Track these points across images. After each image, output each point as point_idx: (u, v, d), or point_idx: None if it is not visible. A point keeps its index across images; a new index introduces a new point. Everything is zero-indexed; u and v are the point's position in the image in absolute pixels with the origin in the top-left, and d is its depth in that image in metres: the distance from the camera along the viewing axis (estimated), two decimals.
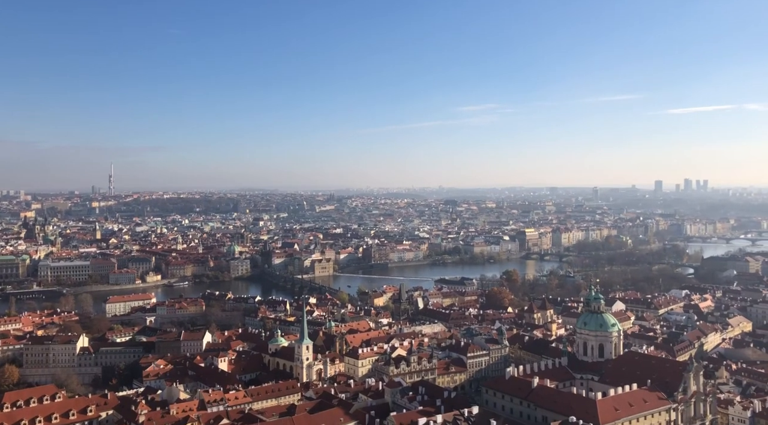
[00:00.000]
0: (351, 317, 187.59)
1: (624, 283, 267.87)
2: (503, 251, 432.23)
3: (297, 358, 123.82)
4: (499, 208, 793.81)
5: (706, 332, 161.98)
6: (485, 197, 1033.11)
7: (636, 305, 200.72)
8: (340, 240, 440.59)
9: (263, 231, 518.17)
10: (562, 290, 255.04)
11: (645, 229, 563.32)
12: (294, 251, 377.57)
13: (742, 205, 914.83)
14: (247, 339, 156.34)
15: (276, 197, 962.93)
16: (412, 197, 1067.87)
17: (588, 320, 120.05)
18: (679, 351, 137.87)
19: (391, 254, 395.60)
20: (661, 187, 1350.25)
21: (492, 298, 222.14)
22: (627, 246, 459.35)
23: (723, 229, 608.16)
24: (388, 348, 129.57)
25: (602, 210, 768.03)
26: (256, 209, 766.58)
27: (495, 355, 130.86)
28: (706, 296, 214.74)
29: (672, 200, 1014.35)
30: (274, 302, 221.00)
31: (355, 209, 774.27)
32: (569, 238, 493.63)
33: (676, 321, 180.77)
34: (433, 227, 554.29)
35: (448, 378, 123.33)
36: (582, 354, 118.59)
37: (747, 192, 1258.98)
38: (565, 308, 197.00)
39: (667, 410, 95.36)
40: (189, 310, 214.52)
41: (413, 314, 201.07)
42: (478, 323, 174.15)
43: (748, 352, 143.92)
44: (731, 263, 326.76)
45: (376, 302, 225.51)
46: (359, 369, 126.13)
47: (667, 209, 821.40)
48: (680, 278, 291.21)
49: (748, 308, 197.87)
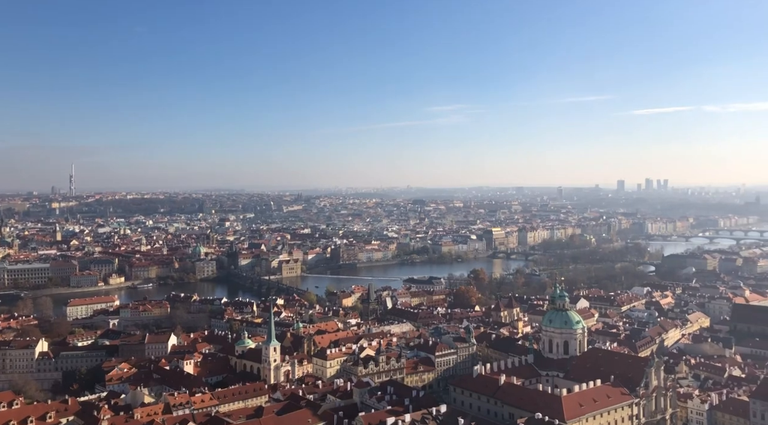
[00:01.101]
0: (319, 318, 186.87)
1: (588, 281, 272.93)
2: (471, 250, 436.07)
3: (264, 360, 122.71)
4: (466, 207, 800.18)
5: (667, 328, 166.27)
6: (453, 197, 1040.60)
7: (599, 303, 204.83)
8: (308, 240, 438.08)
9: (229, 232, 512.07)
10: (528, 288, 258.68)
11: (608, 228, 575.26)
12: (261, 251, 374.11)
13: (701, 204, 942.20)
14: (214, 341, 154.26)
15: (242, 197, 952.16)
16: (381, 196, 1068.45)
17: (553, 317, 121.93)
18: (640, 347, 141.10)
19: (360, 255, 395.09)
20: (623, 186, 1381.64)
21: (460, 297, 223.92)
22: (591, 245, 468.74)
23: (682, 227, 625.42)
24: (356, 349, 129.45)
25: (567, 209, 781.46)
26: (222, 210, 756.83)
27: (463, 354, 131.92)
28: (667, 293, 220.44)
29: (634, 200, 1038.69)
30: (240, 304, 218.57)
31: (323, 209, 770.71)
32: (535, 237, 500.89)
33: (638, 318, 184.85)
34: (401, 226, 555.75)
35: (417, 378, 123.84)
36: (547, 351, 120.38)
37: (705, 191, 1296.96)
38: (531, 306, 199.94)
39: (629, 405, 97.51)
40: (153, 312, 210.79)
41: (382, 314, 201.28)
42: (446, 322, 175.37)
43: (705, 347, 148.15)
44: (690, 260, 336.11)
45: (344, 303, 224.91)
46: (327, 370, 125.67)
47: (629, 208, 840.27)
48: (642, 276, 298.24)
49: (706, 304, 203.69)
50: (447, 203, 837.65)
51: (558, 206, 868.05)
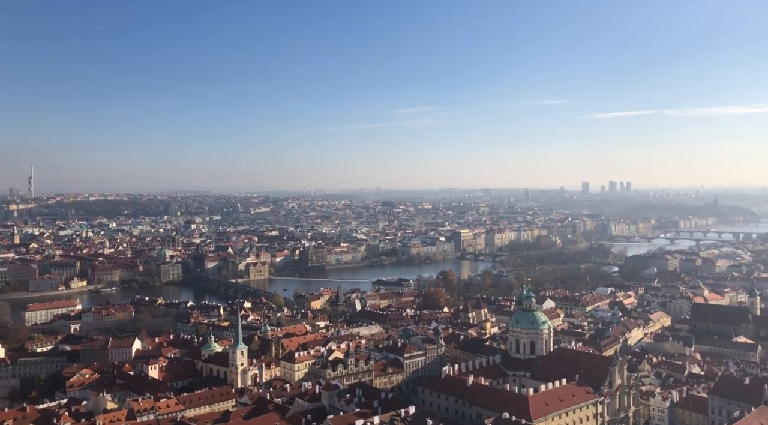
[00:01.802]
0: (287, 320, 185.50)
1: (554, 281, 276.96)
2: (439, 251, 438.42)
3: (231, 363, 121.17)
4: (435, 209, 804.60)
5: (630, 327, 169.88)
6: (422, 199, 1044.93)
7: (565, 303, 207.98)
8: (275, 243, 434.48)
9: (195, 234, 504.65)
10: (496, 289, 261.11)
11: (573, 229, 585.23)
12: (228, 254, 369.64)
13: (662, 206, 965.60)
14: (179, 345, 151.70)
15: (209, 198, 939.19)
16: (350, 198, 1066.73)
17: (520, 318, 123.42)
18: (605, 346, 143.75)
19: (329, 257, 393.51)
20: (587, 188, 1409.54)
21: (428, 298, 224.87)
22: (556, 246, 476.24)
23: (645, 229, 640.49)
24: (325, 351, 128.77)
25: (533, 211, 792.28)
26: (187, 212, 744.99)
27: (431, 355, 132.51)
28: (630, 293, 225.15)
29: (598, 201, 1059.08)
30: (207, 307, 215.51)
31: (292, 211, 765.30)
32: (502, 238, 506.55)
33: (603, 318, 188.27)
34: (370, 228, 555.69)
35: (386, 379, 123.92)
36: (515, 351, 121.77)
37: (666, 194, 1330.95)
38: (498, 306, 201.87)
39: (594, 403, 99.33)
40: (117, 316, 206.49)
41: (351, 317, 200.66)
42: (415, 323, 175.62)
43: (667, 345, 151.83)
44: (652, 261, 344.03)
45: (313, 305, 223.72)
46: (296, 373, 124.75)
47: (593, 209, 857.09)
48: (606, 276, 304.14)
49: (668, 303, 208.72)
50: (416, 205, 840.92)
51: (524, 207, 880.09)
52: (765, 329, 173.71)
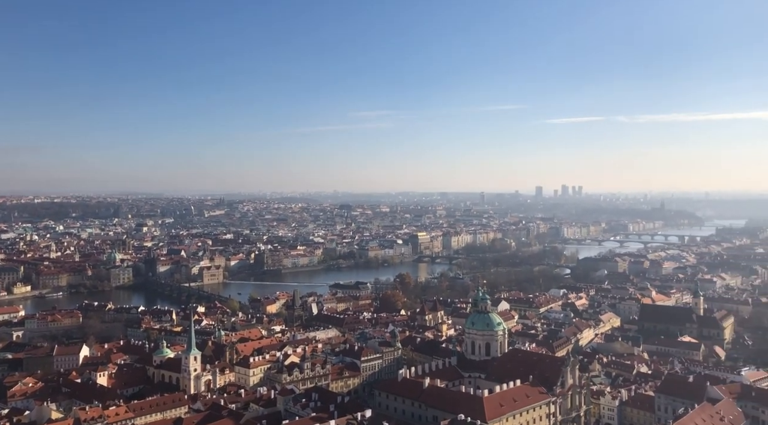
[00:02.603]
0: (242, 325, 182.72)
1: (508, 283, 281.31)
2: (397, 254, 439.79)
3: (184, 369, 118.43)
4: (392, 212, 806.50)
5: (581, 328, 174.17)
6: (379, 202, 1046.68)
7: (519, 305, 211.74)
8: (230, 246, 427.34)
9: (147, 237, 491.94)
10: (452, 291, 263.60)
11: (527, 232, 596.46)
12: (181, 258, 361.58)
13: (612, 209, 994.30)
14: (130, 351, 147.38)
15: (161, 201, 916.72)
16: (307, 201, 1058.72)
17: (476, 320, 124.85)
18: (557, 347, 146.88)
19: (285, 260, 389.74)
20: (541, 192, 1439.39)
21: (386, 301, 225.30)
22: (511, 248, 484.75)
23: (595, 232, 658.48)
24: (280, 356, 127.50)
25: (489, 214, 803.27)
26: (139, 214, 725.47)
27: (388, 358, 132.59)
28: (581, 295, 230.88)
29: (551, 205, 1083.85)
30: (159, 312, 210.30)
31: (247, 214, 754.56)
32: (459, 241, 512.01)
33: (555, 319, 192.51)
34: (327, 231, 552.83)
35: (342, 383, 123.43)
36: (470, 353, 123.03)
37: (616, 198, 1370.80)
38: (454, 309, 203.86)
39: (547, 403, 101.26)
40: (63, 322, 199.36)
41: (307, 321, 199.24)
42: (372, 326, 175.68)
43: (616, 346, 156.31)
44: (603, 263, 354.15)
45: (268, 310, 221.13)
46: (251, 378, 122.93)
47: (546, 213, 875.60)
48: (558, 278, 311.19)
49: (617, 305, 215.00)
50: (374, 208, 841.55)
51: (480, 211, 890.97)
52: (707, 328, 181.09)
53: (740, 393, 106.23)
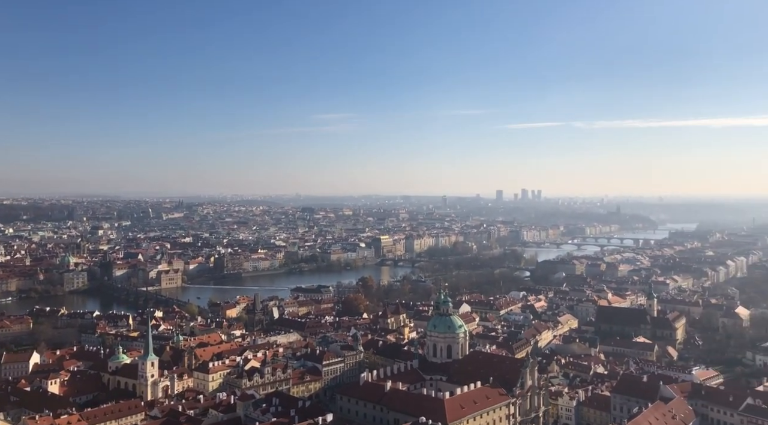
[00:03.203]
0: (201, 330, 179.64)
1: (470, 286, 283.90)
2: (360, 258, 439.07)
3: (141, 375, 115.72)
4: (355, 215, 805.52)
5: (540, 330, 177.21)
6: (342, 205, 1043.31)
7: (480, 307, 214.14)
8: (189, 250, 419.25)
9: (103, 241, 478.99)
10: (415, 294, 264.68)
11: (488, 235, 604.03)
12: (138, 261, 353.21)
13: (570, 213, 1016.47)
14: (84, 357, 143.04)
15: (118, 203, 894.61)
16: (268, 204, 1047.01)
17: (437, 322, 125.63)
18: (517, 348, 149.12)
19: (246, 264, 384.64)
20: (501, 196, 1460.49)
21: (348, 305, 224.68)
22: (472, 251, 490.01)
23: (554, 235, 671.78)
24: (240, 361, 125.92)
25: (450, 218, 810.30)
26: (94, 217, 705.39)
27: (350, 361, 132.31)
28: (540, 297, 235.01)
29: (511, 209, 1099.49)
30: (114, 317, 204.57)
31: (207, 216, 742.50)
32: (421, 244, 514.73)
33: (515, 321, 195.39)
34: (289, 235, 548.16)
35: (304, 388, 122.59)
36: (432, 355, 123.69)
37: (574, 202, 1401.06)
38: (417, 312, 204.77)
39: (506, 405, 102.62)
40: (12, 329, 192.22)
41: (268, 325, 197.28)
42: (334, 330, 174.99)
43: (574, 347, 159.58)
44: (561, 266, 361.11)
45: (228, 314, 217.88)
46: (210, 384, 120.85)
47: (507, 216, 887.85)
48: (518, 281, 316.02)
49: (575, 306, 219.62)
50: (336, 211, 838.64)
51: (442, 214, 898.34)
52: (661, 329, 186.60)
53: (691, 392, 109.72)
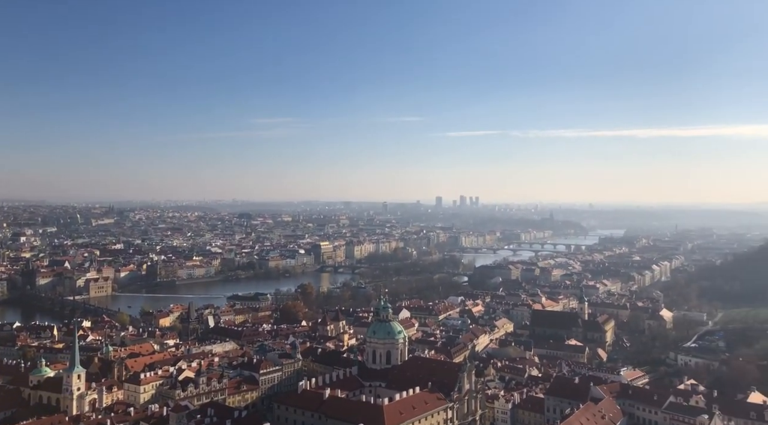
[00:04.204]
0: (132, 339, 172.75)
1: (409, 292, 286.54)
2: (299, 264, 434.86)
3: (66, 389, 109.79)
4: (295, 221, 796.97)
5: (478, 334, 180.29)
6: (281, 211, 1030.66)
7: (419, 312, 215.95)
8: (120, 257, 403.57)
9: (25, 248, 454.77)
10: (355, 301, 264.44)
11: (428, 241, 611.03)
12: (64, 269, 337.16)
13: (506, 219, 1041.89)
14: (2, 371, 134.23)
15: (43, 209, 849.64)
16: (204, 210, 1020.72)
17: (377, 329, 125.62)
18: (455, 353, 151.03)
19: (180, 271, 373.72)
20: (441, 203, 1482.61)
21: (286, 312, 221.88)
22: (412, 257, 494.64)
23: (491, 241, 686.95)
24: (174, 371, 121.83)
25: (391, 224, 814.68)
26: (16, 223, 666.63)
27: (288, 370, 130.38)
28: (478, 302, 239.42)
29: (450, 215, 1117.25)
30: (37, 328, 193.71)
31: (139, 222, 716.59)
32: (361, 250, 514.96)
33: (453, 326, 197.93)
34: (226, 241, 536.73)
35: (240, 397, 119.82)
36: (372, 362, 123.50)
37: (509, 208, 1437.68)
38: (356, 318, 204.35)
39: (444, 409, 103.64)
40: None
41: (203, 334, 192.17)
42: (272, 338, 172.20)
43: (510, 350, 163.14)
44: (497, 271, 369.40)
45: (161, 323, 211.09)
46: (141, 395, 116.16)
47: (446, 222, 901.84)
48: (457, 286, 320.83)
49: (511, 310, 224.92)
50: (275, 217, 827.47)
51: (383, 220, 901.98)
52: (591, 332, 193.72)
53: (619, 392, 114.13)
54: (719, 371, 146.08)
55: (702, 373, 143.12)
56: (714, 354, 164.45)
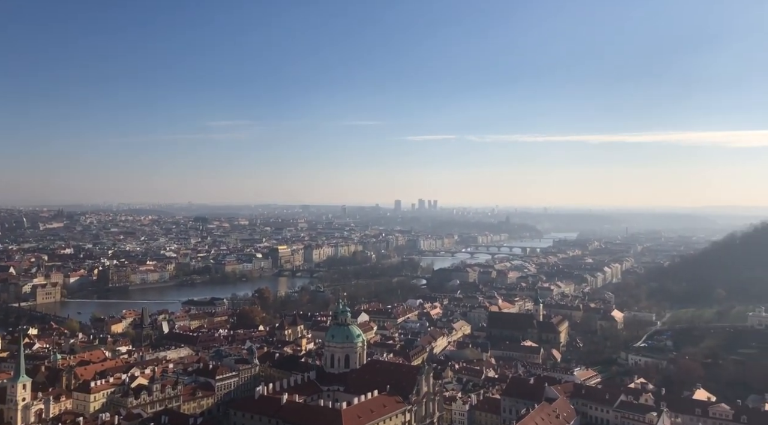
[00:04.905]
0: (82, 347, 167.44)
1: (368, 295, 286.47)
2: (256, 269, 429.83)
3: (10, 399, 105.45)
4: (252, 225, 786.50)
5: (436, 336, 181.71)
6: (238, 214, 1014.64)
7: (378, 316, 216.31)
8: (70, 262, 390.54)
9: None
10: (313, 305, 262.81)
11: (387, 244, 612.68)
12: (9, 275, 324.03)
13: (464, 223, 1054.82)
14: None
15: None
16: (158, 213, 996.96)
17: (335, 333, 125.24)
18: (413, 356, 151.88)
19: (133, 276, 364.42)
20: (400, 206, 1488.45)
21: (243, 317, 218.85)
22: (371, 261, 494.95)
23: (449, 244, 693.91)
24: (126, 378, 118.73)
25: (350, 227, 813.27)
26: None
27: (245, 375, 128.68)
28: (436, 304, 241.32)
29: (409, 218, 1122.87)
30: None
31: (90, 226, 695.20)
32: (320, 254, 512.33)
33: (412, 328, 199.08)
34: (181, 245, 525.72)
35: (195, 404, 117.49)
36: (330, 366, 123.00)
37: (467, 211, 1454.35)
38: (315, 322, 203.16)
39: (403, 412, 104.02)
40: None
41: (157, 340, 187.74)
42: (228, 344, 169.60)
43: (467, 352, 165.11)
44: (455, 274, 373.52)
45: (113, 329, 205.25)
46: (91, 404, 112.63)
47: (405, 226, 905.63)
48: (415, 289, 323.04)
49: (468, 313, 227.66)
50: (231, 221, 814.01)
51: (342, 223, 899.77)
52: (546, 333, 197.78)
53: (573, 392, 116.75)
54: (667, 369, 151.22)
55: (651, 372, 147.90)
56: (662, 353, 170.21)
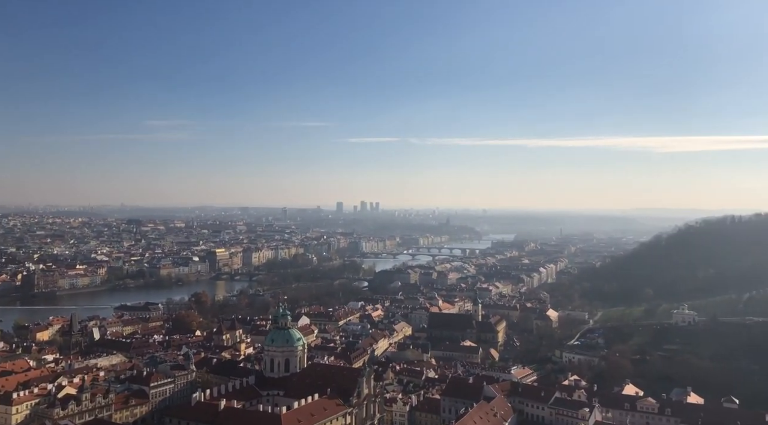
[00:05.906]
0: (4, 356, 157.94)
1: (309, 298, 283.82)
2: (193, 272, 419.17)
3: None
4: (188, 228, 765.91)
5: (377, 338, 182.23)
6: (174, 217, 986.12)
7: (319, 319, 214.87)
8: None
9: None
10: (253, 309, 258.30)
11: (328, 247, 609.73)
12: None
13: (405, 225, 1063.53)
14: None
15: None
16: (89, 215, 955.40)
17: (275, 336, 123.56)
18: (355, 358, 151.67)
19: (61, 281, 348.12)
20: (342, 208, 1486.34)
21: (179, 322, 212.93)
22: (313, 263, 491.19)
23: (391, 245, 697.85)
24: (53, 388, 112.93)
25: (291, 230, 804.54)
26: None
27: (181, 382, 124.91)
28: (377, 306, 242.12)
29: (351, 220, 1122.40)
30: None
31: (13, 229, 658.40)
32: (260, 257, 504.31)
33: (353, 331, 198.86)
34: (113, 248, 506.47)
35: (128, 413, 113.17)
36: (269, 370, 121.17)
37: (409, 213, 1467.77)
38: (254, 326, 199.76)
39: (343, 415, 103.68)
40: None
41: (87, 347, 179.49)
42: (163, 350, 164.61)
43: (408, 353, 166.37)
44: (397, 275, 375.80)
45: (39, 337, 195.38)
46: (13, 417, 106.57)
47: (347, 228, 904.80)
48: (357, 291, 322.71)
49: (409, 314, 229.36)
50: (167, 223, 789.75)
51: (282, 226, 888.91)
52: (485, 333, 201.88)
53: (510, 390, 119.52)
54: (599, 366, 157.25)
55: (584, 369, 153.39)
56: (594, 350, 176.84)
